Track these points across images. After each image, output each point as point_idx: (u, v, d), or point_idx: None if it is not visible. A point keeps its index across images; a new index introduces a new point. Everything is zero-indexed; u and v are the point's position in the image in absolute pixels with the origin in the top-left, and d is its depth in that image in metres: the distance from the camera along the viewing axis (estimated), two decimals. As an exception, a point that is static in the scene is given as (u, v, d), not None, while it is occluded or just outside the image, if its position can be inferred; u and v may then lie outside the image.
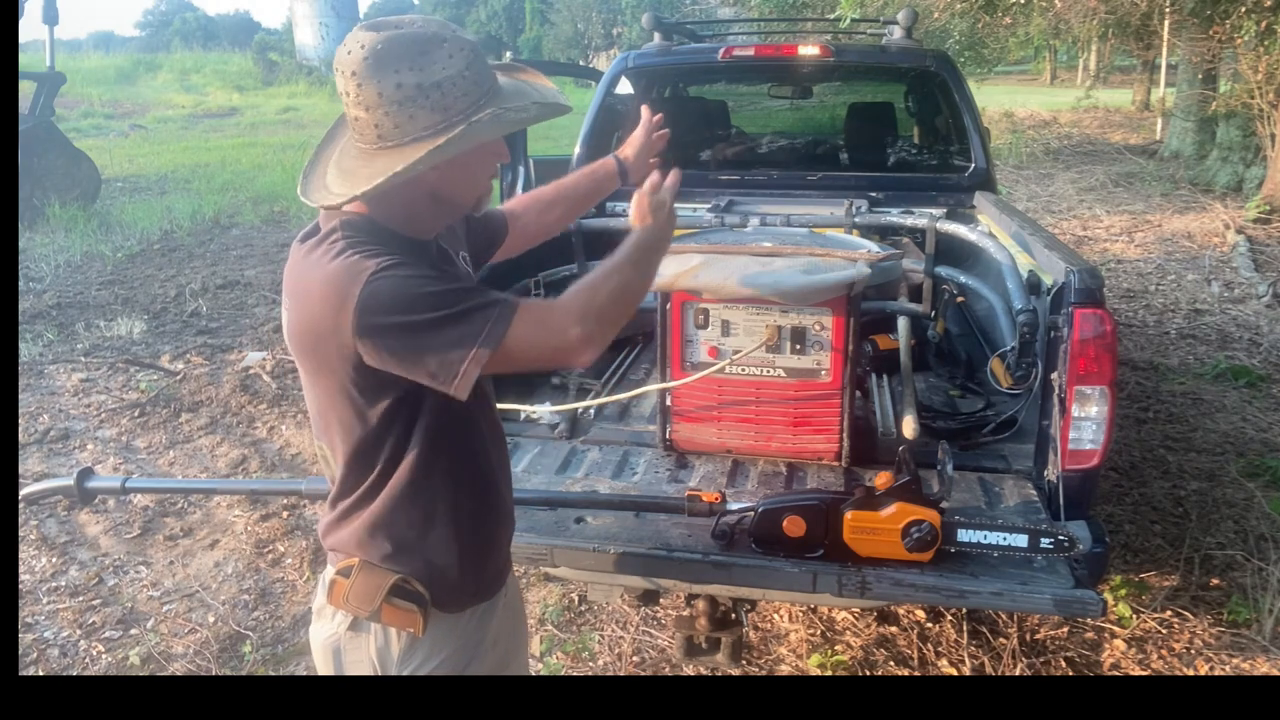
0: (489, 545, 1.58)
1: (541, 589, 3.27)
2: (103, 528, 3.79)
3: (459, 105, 1.28)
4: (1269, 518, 3.60)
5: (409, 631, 1.45)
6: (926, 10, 11.04)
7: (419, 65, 1.25)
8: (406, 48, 1.26)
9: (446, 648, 1.50)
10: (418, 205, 1.37)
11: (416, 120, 1.27)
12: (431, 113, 1.27)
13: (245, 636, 3.10)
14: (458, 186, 1.39)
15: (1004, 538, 1.97)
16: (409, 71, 1.25)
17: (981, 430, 2.64)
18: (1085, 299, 2.17)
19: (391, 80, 1.25)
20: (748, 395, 2.45)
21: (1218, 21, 9.35)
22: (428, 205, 1.38)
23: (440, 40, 1.28)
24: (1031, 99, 21.85)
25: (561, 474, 2.47)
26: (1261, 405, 4.78)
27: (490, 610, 1.61)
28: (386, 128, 1.28)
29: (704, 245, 2.57)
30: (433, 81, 1.26)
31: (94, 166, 10.42)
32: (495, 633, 1.67)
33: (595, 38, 36.83)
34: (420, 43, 1.26)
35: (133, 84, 26.87)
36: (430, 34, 1.28)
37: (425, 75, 1.25)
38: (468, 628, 1.54)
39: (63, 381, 5.38)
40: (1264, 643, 2.94)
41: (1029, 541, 1.96)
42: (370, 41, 1.26)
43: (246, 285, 7.53)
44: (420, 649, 1.47)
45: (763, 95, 6.28)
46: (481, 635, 1.59)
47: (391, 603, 1.42)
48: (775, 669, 2.89)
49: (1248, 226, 8.71)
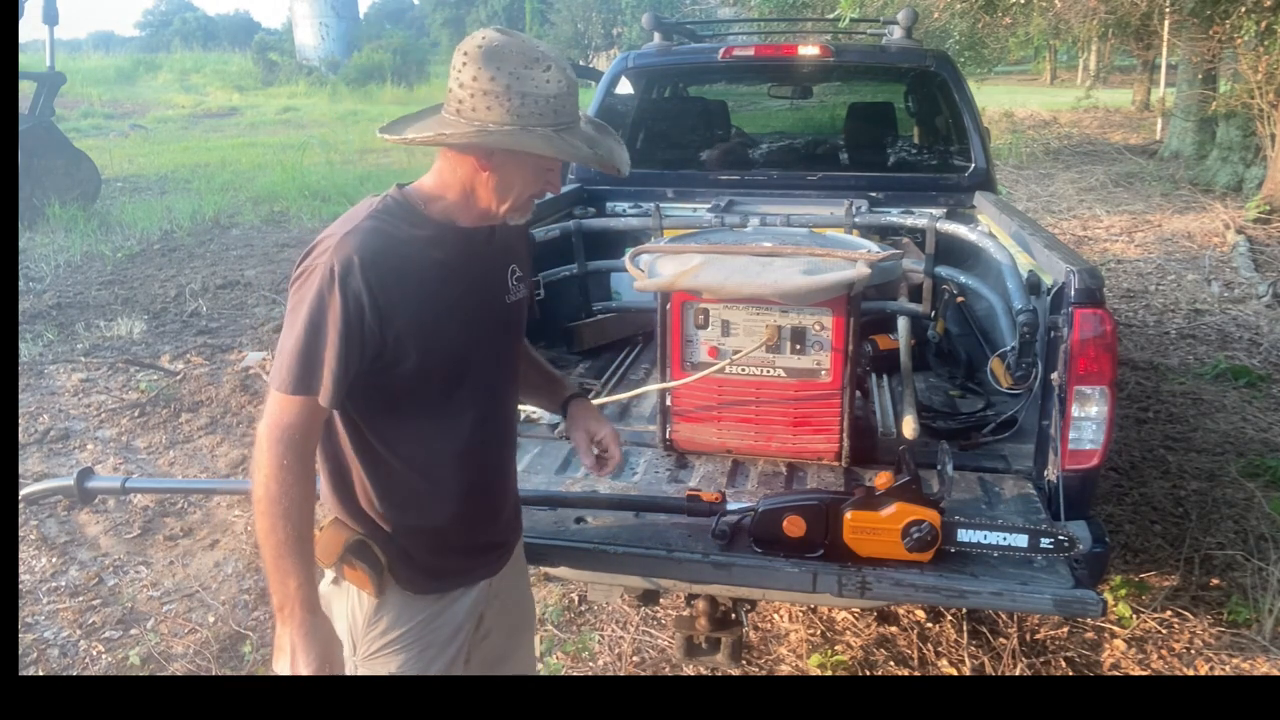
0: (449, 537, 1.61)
1: (541, 589, 3.26)
2: (103, 528, 3.79)
3: (530, 118, 1.42)
4: (1269, 518, 3.60)
5: (365, 593, 1.56)
6: (926, 10, 11.04)
7: (519, 73, 1.41)
8: (516, 53, 1.42)
9: (410, 621, 1.59)
10: (458, 192, 1.51)
11: (491, 111, 1.41)
12: (504, 112, 1.41)
13: (245, 636, 3.10)
14: (496, 191, 1.49)
15: (1004, 538, 1.97)
16: (508, 73, 1.41)
17: (981, 430, 2.64)
18: (1085, 299, 2.17)
19: (490, 71, 1.41)
20: (748, 395, 2.45)
21: (1218, 21, 9.35)
22: (464, 195, 1.51)
23: (547, 63, 1.43)
24: (1031, 99, 21.85)
25: (561, 474, 2.47)
26: (1261, 405, 4.78)
27: (462, 600, 1.64)
28: (466, 106, 1.43)
29: (704, 245, 2.57)
30: (521, 89, 1.41)
31: (94, 166, 10.42)
32: (483, 625, 1.69)
33: (595, 38, 36.82)
34: (530, 55, 1.43)
35: (133, 84, 26.89)
36: (542, 53, 1.44)
37: (519, 82, 1.41)
38: (432, 610, 1.61)
39: (63, 381, 5.38)
40: (1264, 643, 2.94)
41: (1029, 542, 1.96)
42: (493, 37, 1.44)
43: (246, 285, 7.53)
44: (385, 615, 1.58)
45: (763, 95, 6.28)
46: (450, 622, 1.63)
47: (348, 560, 1.54)
48: (775, 669, 2.89)
49: (1248, 226, 8.71)
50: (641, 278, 2.45)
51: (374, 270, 1.40)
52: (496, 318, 1.62)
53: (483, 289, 1.59)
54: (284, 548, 1.41)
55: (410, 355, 1.47)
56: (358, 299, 1.39)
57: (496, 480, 1.70)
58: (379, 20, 47.97)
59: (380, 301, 1.41)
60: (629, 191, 4.13)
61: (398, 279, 1.43)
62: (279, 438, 1.40)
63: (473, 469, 1.61)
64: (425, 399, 1.53)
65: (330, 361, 1.39)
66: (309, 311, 1.39)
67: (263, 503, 1.40)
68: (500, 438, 1.69)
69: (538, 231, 3.52)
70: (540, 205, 3.72)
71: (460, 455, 1.58)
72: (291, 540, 1.41)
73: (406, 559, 1.57)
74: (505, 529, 1.75)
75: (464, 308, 1.53)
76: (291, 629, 1.44)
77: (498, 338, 1.63)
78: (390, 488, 1.55)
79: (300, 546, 1.42)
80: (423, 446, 1.55)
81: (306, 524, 1.43)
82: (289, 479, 1.40)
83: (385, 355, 1.45)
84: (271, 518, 1.40)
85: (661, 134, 4.77)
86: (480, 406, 1.59)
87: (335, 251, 1.40)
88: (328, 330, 1.39)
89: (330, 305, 1.39)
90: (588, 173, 4.16)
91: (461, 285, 1.52)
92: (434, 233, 1.49)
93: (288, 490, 1.40)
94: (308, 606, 1.44)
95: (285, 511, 1.40)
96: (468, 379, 1.56)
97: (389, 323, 1.43)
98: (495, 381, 1.64)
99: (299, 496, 1.41)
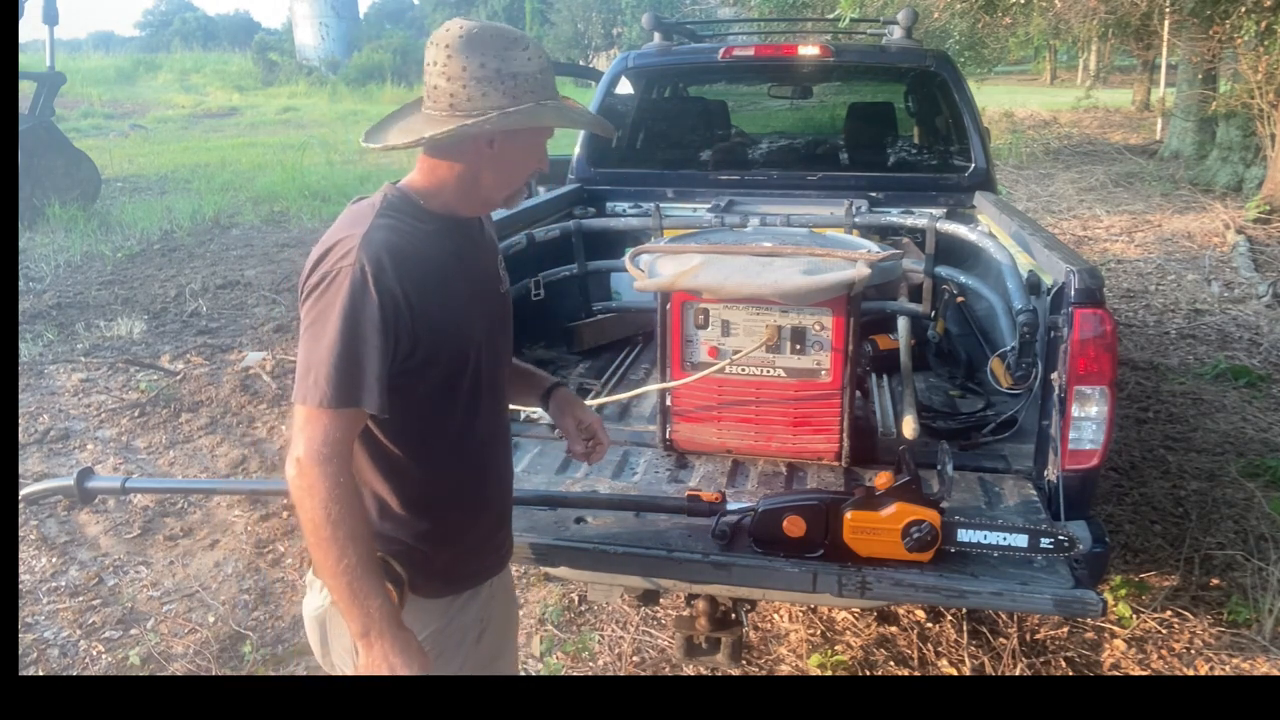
0: (466, 538, 1.60)
1: (541, 589, 3.27)
2: (103, 528, 3.79)
3: (526, 96, 1.44)
4: (1269, 518, 3.60)
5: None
6: (926, 10, 11.04)
7: (504, 55, 1.42)
8: (496, 38, 1.43)
9: (424, 630, 1.54)
10: (458, 184, 1.49)
11: (489, 98, 1.42)
12: (503, 95, 1.42)
13: (245, 636, 3.10)
14: (501, 173, 1.50)
15: (1004, 538, 1.97)
16: (494, 57, 1.42)
17: (981, 430, 2.64)
18: (1085, 299, 2.17)
19: (477, 59, 1.41)
20: (748, 395, 2.45)
21: (1218, 21, 9.35)
22: (467, 186, 1.49)
23: (525, 42, 1.45)
24: (1031, 99, 21.85)
25: (561, 474, 2.47)
26: (1261, 405, 4.78)
27: (473, 602, 1.63)
28: (461, 98, 1.42)
29: (704, 245, 2.57)
30: (510, 71, 1.42)
31: (94, 166, 10.42)
32: (483, 624, 1.69)
33: (595, 38, 36.81)
34: (507, 37, 1.44)
35: (133, 84, 26.87)
36: (517, 35, 1.46)
37: (506, 64, 1.42)
38: (446, 616, 1.58)
39: (63, 381, 5.38)
40: (1264, 643, 2.94)
41: (1029, 541, 1.96)
42: (467, 26, 1.44)
43: (246, 285, 7.52)
44: None
45: (763, 95, 6.28)
46: (462, 625, 1.62)
47: None
48: (775, 669, 2.89)
49: (1248, 226, 8.71)
50: (641, 278, 2.45)
51: (403, 267, 1.37)
52: (497, 309, 1.62)
53: (485, 280, 1.59)
54: (358, 569, 1.34)
55: (440, 351, 1.45)
56: (393, 297, 1.35)
57: (505, 474, 1.71)
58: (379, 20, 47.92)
59: (413, 298, 1.38)
60: (629, 191, 4.14)
61: (423, 275, 1.41)
62: (329, 455, 1.33)
63: (487, 464, 1.61)
64: (447, 396, 1.50)
65: (374, 366, 1.34)
66: (343, 317, 1.33)
67: (324, 529, 1.32)
68: (504, 431, 1.70)
69: (538, 231, 3.52)
70: (540, 205, 3.73)
71: (476, 451, 1.57)
72: (364, 560, 1.35)
73: (424, 567, 1.53)
74: (510, 519, 1.76)
75: (475, 300, 1.53)
76: (385, 648, 1.37)
77: (499, 329, 1.64)
78: (410, 495, 1.51)
79: (373, 564, 1.37)
80: (443, 445, 1.53)
81: (371, 541, 1.39)
82: (348, 497, 1.34)
83: (417, 353, 1.41)
84: (339, 544, 1.33)
85: (661, 134, 4.77)
86: (489, 400, 1.59)
87: (361, 251, 1.35)
88: (366, 334, 1.33)
89: (365, 307, 1.33)
90: (588, 172, 4.16)
91: (469, 277, 1.52)
92: (440, 226, 1.48)
93: (351, 510, 1.34)
94: (395, 623, 1.39)
95: (351, 532, 1.33)
96: (481, 373, 1.55)
97: (422, 319, 1.40)
98: (498, 374, 1.65)
99: (361, 514, 1.36)
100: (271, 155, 14.32)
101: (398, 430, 1.48)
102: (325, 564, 1.35)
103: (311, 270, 1.40)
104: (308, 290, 1.39)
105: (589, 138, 4.18)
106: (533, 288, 3.43)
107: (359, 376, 1.34)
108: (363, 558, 1.35)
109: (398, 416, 1.44)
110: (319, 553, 1.35)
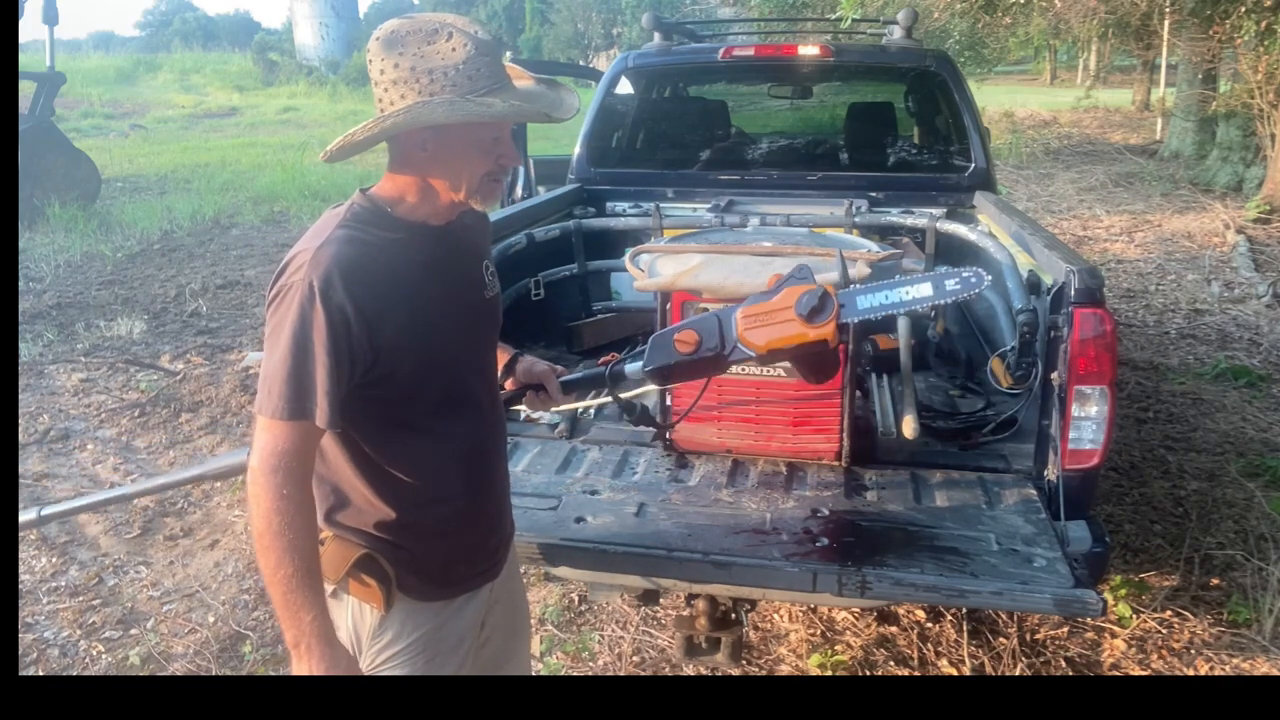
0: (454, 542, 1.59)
1: (541, 589, 3.26)
2: (103, 528, 3.79)
3: (445, 92, 1.38)
4: (1269, 518, 3.60)
5: (371, 606, 1.51)
6: (926, 10, 11.04)
7: (420, 51, 1.38)
8: (413, 32, 1.39)
9: (416, 631, 1.55)
10: (417, 191, 1.47)
11: (405, 99, 1.38)
12: (418, 95, 1.38)
13: (245, 636, 3.10)
14: (448, 175, 1.45)
15: (906, 292, 1.82)
16: (410, 55, 1.38)
17: (981, 430, 2.64)
18: (1085, 299, 2.17)
19: (391, 61, 1.38)
20: (748, 395, 2.45)
21: (1218, 21, 9.35)
22: (423, 192, 1.47)
23: (448, 31, 1.39)
24: (1031, 99, 21.84)
25: (561, 474, 2.47)
26: (1261, 405, 4.78)
27: (469, 606, 1.62)
28: (385, 102, 1.41)
29: (704, 245, 2.57)
30: (426, 68, 1.37)
31: (94, 166, 10.42)
32: (486, 631, 1.68)
33: (595, 38, 36.82)
34: (428, 30, 1.39)
35: (133, 84, 26.87)
36: (441, 23, 1.40)
37: (422, 61, 1.38)
38: (439, 618, 1.58)
39: (63, 381, 5.38)
40: (1264, 643, 2.94)
41: (934, 289, 1.81)
42: (393, 24, 1.41)
43: (246, 285, 7.53)
44: (390, 627, 1.54)
45: (763, 95, 6.27)
46: (457, 629, 1.61)
47: (356, 576, 1.50)
48: (775, 669, 2.89)
49: (1248, 226, 8.71)
50: (641, 277, 2.45)
51: (355, 280, 1.35)
52: (480, 314, 1.61)
53: (464, 287, 1.57)
54: (294, 581, 1.35)
55: (403, 362, 1.43)
56: (342, 312, 1.34)
57: (498, 476, 1.70)
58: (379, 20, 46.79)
59: (367, 312, 1.36)
60: (629, 191, 4.14)
61: (380, 286, 1.38)
62: (275, 467, 1.34)
63: (476, 468, 1.60)
64: (423, 404, 1.50)
65: (322, 381, 1.33)
66: (292, 332, 1.34)
67: (266, 538, 1.34)
68: (496, 433, 1.69)
69: (538, 231, 3.52)
70: (540, 205, 3.73)
71: (463, 455, 1.57)
72: (301, 573, 1.35)
73: (416, 568, 1.53)
74: (506, 525, 1.76)
75: (449, 307, 1.51)
76: (311, 664, 1.38)
77: (483, 334, 1.63)
78: (397, 500, 1.50)
79: (310, 579, 1.37)
80: (426, 452, 1.52)
81: (313, 554, 1.39)
82: (291, 509, 1.34)
83: (378, 366, 1.40)
84: (277, 552, 1.34)
85: (661, 134, 4.77)
86: (476, 405, 1.59)
87: (311, 266, 1.35)
88: (315, 349, 1.33)
89: (314, 323, 1.33)
90: (587, 172, 4.16)
91: (443, 285, 1.50)
92: (407, 235, 1.45)
93: (291, 522, 1.34)
94: (326, 640, 1.39)
95: (291, 544, 1.34)
96: (463, 379, 1.55)
97: (378, 332, 1.38)
98: (487, 377, 1.64)
99: (303, 527, 1.36)
100: (271, 155, 14.32)
101: (375, 436, 1.48)
102: (264, 570, 1.37)
103: (273, 282, 1.40)
104: (268, 302, 1.41)
105: (589, 135, 4.18)
106: (533, 287, 3.44)
107: (307, 390, 1.34)
108: (300, 570, 1.36)
109: (373, 424, 1.46)
110: (260, 559, 1.37)
